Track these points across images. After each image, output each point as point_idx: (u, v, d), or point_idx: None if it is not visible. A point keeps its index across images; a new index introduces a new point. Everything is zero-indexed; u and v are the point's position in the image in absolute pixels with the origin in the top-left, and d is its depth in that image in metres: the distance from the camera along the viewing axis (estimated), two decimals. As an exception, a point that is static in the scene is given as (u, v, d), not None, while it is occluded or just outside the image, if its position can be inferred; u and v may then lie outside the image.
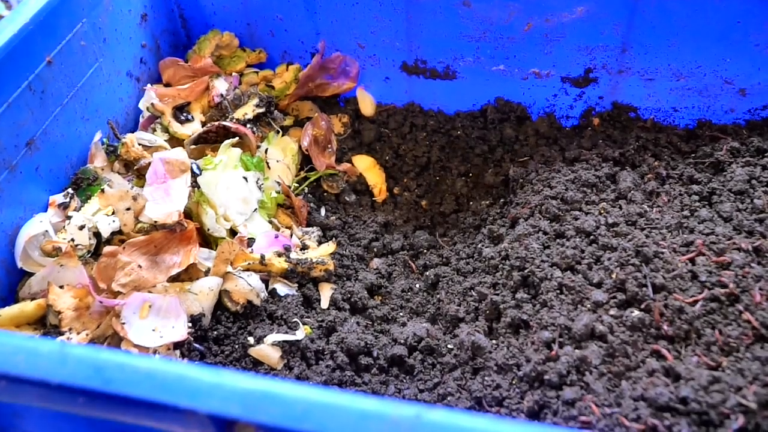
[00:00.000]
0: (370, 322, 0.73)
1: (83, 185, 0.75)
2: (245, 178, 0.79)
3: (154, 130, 0.85)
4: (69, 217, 0.70)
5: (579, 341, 0.60)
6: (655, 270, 0.63)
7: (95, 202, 0.72)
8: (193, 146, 0.82)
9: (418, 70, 0.93)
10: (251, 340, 0.67)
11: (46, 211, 0.71)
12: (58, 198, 0.71)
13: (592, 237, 0.70)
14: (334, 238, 0.82)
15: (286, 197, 0.83)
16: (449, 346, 0.69)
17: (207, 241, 0.75)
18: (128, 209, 0.71)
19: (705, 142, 0.83)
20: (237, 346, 0.67)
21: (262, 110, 0.87)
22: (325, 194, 0.90)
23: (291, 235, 0.80)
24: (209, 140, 0.83)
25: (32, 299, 0.64)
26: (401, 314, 0.75)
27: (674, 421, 0.51)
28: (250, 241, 0.75)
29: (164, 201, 0.71)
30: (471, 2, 0.84)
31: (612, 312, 0.61)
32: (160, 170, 0.73)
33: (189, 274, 0.70)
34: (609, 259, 0.67)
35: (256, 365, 0.66)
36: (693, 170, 0.78)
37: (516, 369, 0.61)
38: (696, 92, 0.86)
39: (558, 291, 0.66)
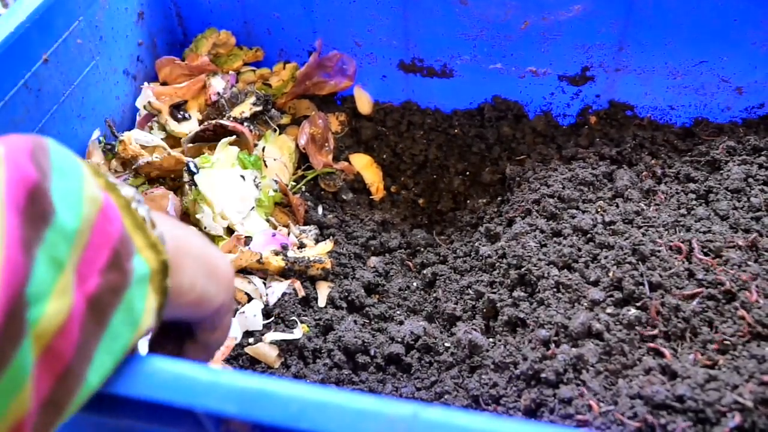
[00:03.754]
0: (368, 321, 0.74)
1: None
2: (242, 176, 0.79)
3: (151, 128, 0.85)
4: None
5: (576, 339, 0.60)
6: (651, 268, 0.63)
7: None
8: (191, 144, 0.82)
9: (416, 68, 0.93)
10: (249, 338, 0.67)
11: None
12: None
13: (589, 235, 0.70)
14: (331, 237, 0.82)
15: (283, 195, 0.83)
16: (446, 344, 0.69)
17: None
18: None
19: (701, 141, 0.84)
20: (234, 345, 0.67)
21: (259, 108, 0.87)
22: (323, 193, 0.90)
23: (288, 234, 0.80)
24: (206, 138, 0.83)
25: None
26: (398, 312, 0.76)
27: (671, 419, 0.51)
28: (248, 240, 0.75)
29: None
30: (468, 0, 0.84)
31: (609, 310, 0.61)
32: None
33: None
34: (606, 257, 0.67)
35: (254, 363, 0.66)
36: (690, 168, 0.78)
37: (513, 367, 0.61)
38: (693, 90, 0.86)
39: (555, 289, 0.66)
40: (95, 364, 0.32)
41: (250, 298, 0.70)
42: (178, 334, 0.46)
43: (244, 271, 0.73)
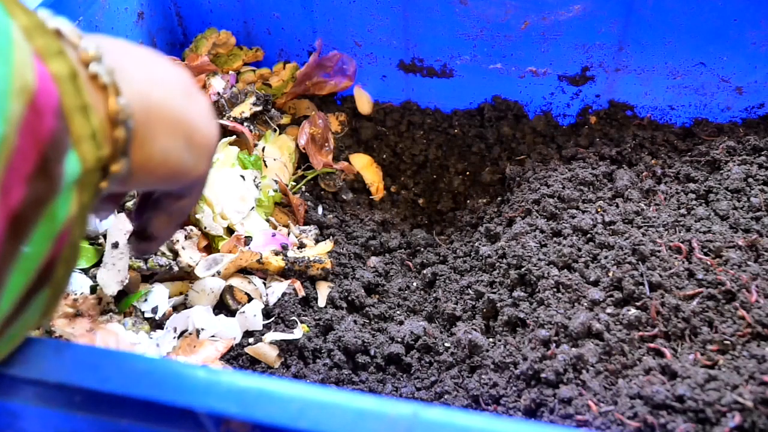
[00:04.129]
0: (368, 321, 0.74)
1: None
2: (242, 176, 0.79)
3: (151, 128, 0.85)
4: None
5: (576, 339, 0.60)
6: (651, 268, 0.63)
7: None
8: (190, 145, 0.82)
9: (415, 68, 0.93)
10: (249, 338, 0.67)
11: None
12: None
13: (588, 235, 0.70)
14: (331, 237, 0.82)
15: (283, 195, 0.83)
16: (446, 344, 0.69)
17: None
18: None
19: (701, 141, 0.84)
20: (234, 344, 0.67)
21: (259, 108, 0.87)
22: (323, 192, 0.90)
23: (288, 234, 0.80)
24: (206, 138, 0.83)
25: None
26: (398, 312, 0.76)
27: (670, 418, 0.51)
28: (248, 240, 0.75)
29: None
30: (468, 0, 0.84)
31: (609, 310, 0.61)
32: None
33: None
34: (606, 257, 0.67)
35: (254, 363, 0.66)
36: (689, 168, 0.78)
37: (513, 367, 0.61)
38: (692, 90, 0.86)
39: (555, 289, 0.66)
40: (8, 288, 0.28)
41: (250, 298, 0.70)
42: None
43: (244, 271, 0.73)
